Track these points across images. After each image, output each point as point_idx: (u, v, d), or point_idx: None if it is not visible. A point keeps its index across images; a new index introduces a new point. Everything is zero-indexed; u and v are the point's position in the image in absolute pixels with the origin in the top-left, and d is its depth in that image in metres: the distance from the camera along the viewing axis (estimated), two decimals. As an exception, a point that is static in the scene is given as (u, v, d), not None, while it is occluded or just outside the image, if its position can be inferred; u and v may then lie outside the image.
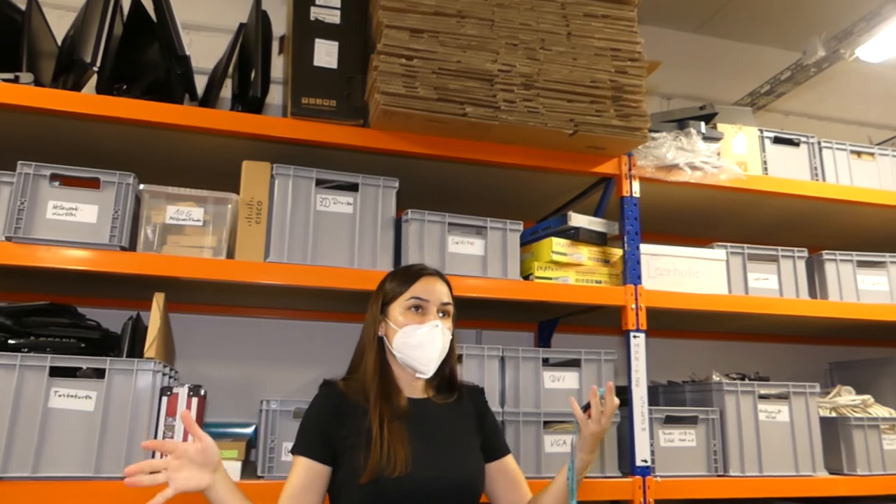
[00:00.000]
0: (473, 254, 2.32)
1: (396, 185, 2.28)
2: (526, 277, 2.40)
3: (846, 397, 2.76)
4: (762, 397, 2.48)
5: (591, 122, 2.27)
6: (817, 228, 3.14)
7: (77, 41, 2.20)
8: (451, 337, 1.72)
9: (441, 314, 1.70)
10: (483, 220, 2.34)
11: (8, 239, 1.93)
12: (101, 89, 2.22)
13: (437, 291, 1.71)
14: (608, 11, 2.37)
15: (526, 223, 2.45)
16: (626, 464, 2.31)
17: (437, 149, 2.30)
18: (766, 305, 2.61)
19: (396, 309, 1.70)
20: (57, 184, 2.00)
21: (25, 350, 1.96)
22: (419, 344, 1.66)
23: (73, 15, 2.37)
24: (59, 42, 2.36)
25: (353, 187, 2.24)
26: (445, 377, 1.76)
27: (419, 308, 1.69)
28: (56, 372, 1.89)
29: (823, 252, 2.79)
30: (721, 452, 2.41)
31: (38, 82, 2.13)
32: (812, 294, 2.75)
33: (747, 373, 2.99)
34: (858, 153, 2.92)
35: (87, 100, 2.07)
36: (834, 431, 2.58)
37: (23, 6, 2.26)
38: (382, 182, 2.26)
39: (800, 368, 3.39)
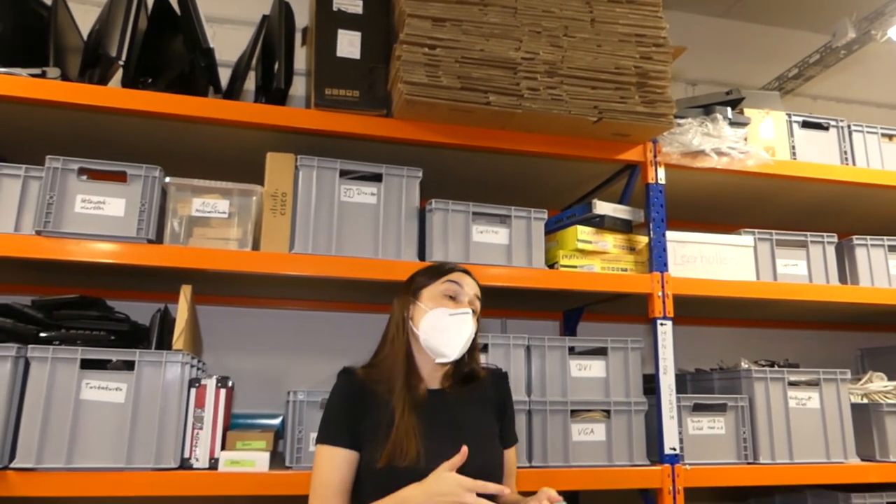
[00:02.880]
0: (498, 243, 2.31)
1: (420, 174, 2.28)
2: (551, 266, 2.39)
3: (878, 383, 2.72)
4: (792, 384, 2.45)
5: (616, 109, 2.25)
6: (847, 213, 3.09)
7: (102, 36, 2.22)
8: (475, 330, 1.72)
9: (471, 309, 1.70)
10: (507, 208, 2.33)
11: (38, 233, 1.96)
12: (126, 83, 2.23)
13: (470, 284, 1.74)
14: (632, -4, 2.35)
15: (550, 211, 2.44)
16: (655, 452, 2.30)
17: (461, 138, 2.29)
18: (795, 292, 2.57)
19: (428, 294, 1.71)
20: (85, 177, 2.02)
21: (57, 343, 1.99)
22: (447, 328, 1.65)
23: (99, 10, 2.38)
24: (85, 37, 2.38)
25: (376, 178, 2.24)
26: (464, 372, 1.76)
27: (453, 296, 1.70)
28: (87, 364, 1.92)
29: (854, 237, 2.75)
30: (751, 440, 2.38)
31: (64, 77, 2.15)
32: (842, 280, 2.72)
33: (776, 360, 2.95)
34: (890, 136, 2.87)
35: (112, 94, 2.08)
36: (866, 418, 2.54)
37: (49, 2, 2.29)
38: (406, 172, 2.26)
39: (830, 355, 3.34)
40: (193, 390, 2.00)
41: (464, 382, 1.75)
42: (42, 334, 2.02)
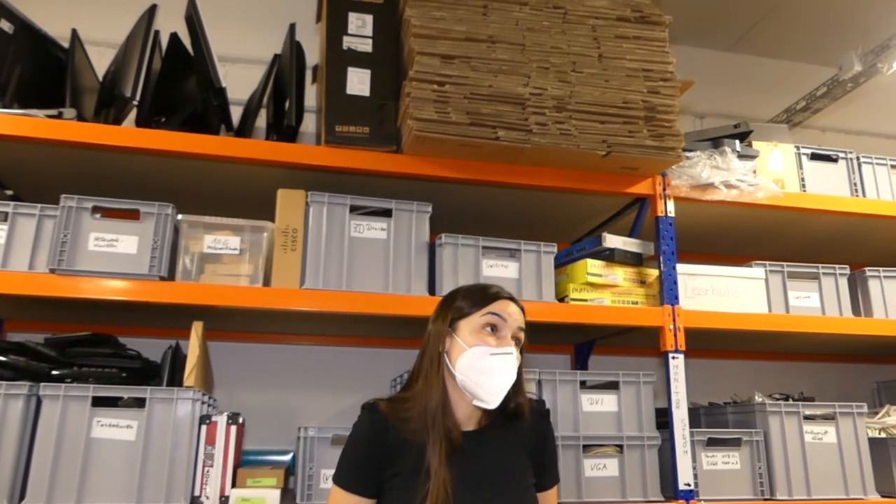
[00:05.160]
0: (508, 277, 2.31)
1: (430, 209, 2.29)
2: (561, 300, 2.39)
3: (895, 417, 2.68)
4: (807, 418, 2.42)
5: (624, 143, 2.26)
6: (859, 245, 3.08)
7: (118, 77, 2.27)
8: (520, 365, 1.58)
9: (514, 341, 1.57)
10: (517, 242, 2.33)
11: (52, 271, 1.97)
12: (140, 122, 2.27)
13: (514, 314, 1.58)
14: (639, 33, 2.37)
15: (560, 245, 2.44)
16: (669, 488, 2.26)
17: (470, 173, 2.30)
18: (807, 324, 2.55)
19: (467, 327, 1.55)
20: (98, 216, 2.04)
21: (69, 380, 1.99)
22: (489, 370, 1.50)
23: (114, 51, 2.44)
24: (101, 78, 2.43)
25: (386, 213, 2.25)
26: (509, 409, 1.59)
27: (495, 329, 1.55)
28: (98, 402, 1.92)
29: (866, 269, 2.73)
30: (766, 475, 2.35)
31: (80, 117, 2.18)
32: (856, 312, 2.69)
33: (791, 393, 2.92)
34: (899, 168, 2.87)
35: (127, 133, 2.11)
36: (884, 453, 2.51)
37: (66, 45, 2.33)
38: (416, 207, 2.27)
39: (845, 388, 3.30)
40: (204, 427, 1.99)
41: (506, 420, 1.60)
42: (54, 372, 2.02)
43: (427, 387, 1.54)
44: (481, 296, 1.60)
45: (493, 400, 1.51)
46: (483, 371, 1.51)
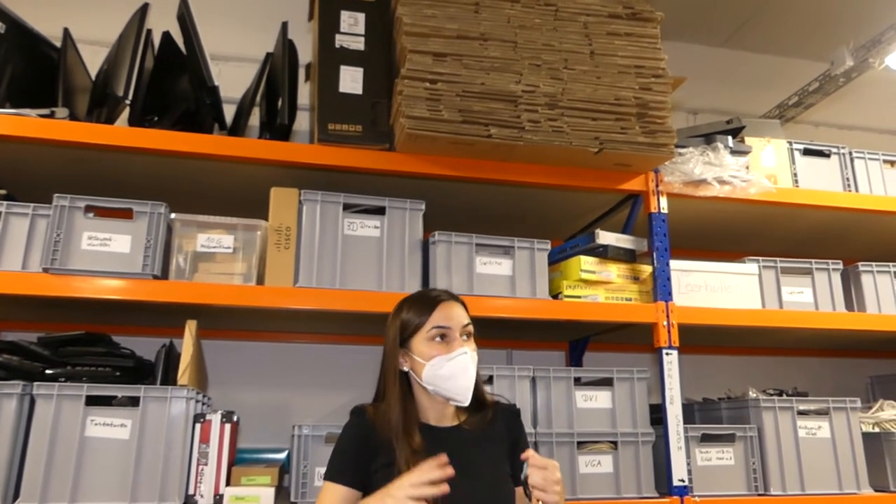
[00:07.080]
0: (501, 274, 2.31)
1: (423, 207, 2.29)
2: (555, 296, 2.39)
3: (889, 412, 2.69)
4: (801, 413, 2.43)
5: (617, 140, 2.27)
6: (852, 240, 3.08)
7: (110, 76, 2.26)
8: (476, 358, 1.70)
9: (464, 337, 1.69)
10: (510, 239, 2.34)
11: (45, 270, 1.97)
12: (133, 122, 2.27)
13: (456, 316, 1.69)
14: (631, 29, 2.38)
15: (553, 242, 2.44)
16: (663, 484, 2.27)
17: (463, 170, 2.31)
18: (801, 319, 2.56)
19: (419, 344, 1.67)
20: (91, 215, 2.04)
21: (62, 379, 1.99)
22: (451, 375, 1.63)
23: (107, 50, 2.43)
24: (93, 77, 2.43)
25: (380, 211, 2.25)
26: (477, 399, 1.73)
27: (444, 336, 1.67)
28: (92, 401, 1.91)
29: (859, 264, 2.74)
30: (761, 471, 2.35)
31: (72, 116, 2.18)
32: (849, 307, 2.70)
33: (785, 388, 2.93)
34: (891, 162, 2.87)
35: (119, 132, 2.11)
36: (878, 447, 2.51)
37: (59, 44, 2.33)
38: (409, 205, 2.27)
39: (839, 383, 3.31)
40: (198, 426, 1.99)
41: (476, 410, 1.74)
42: (48, 371, 2.03)
43: (388, 405, 1.67)
44: (422, 306, 1.71)
45: (464, 398, 1.66)
46: (447, 377, 1.64)
